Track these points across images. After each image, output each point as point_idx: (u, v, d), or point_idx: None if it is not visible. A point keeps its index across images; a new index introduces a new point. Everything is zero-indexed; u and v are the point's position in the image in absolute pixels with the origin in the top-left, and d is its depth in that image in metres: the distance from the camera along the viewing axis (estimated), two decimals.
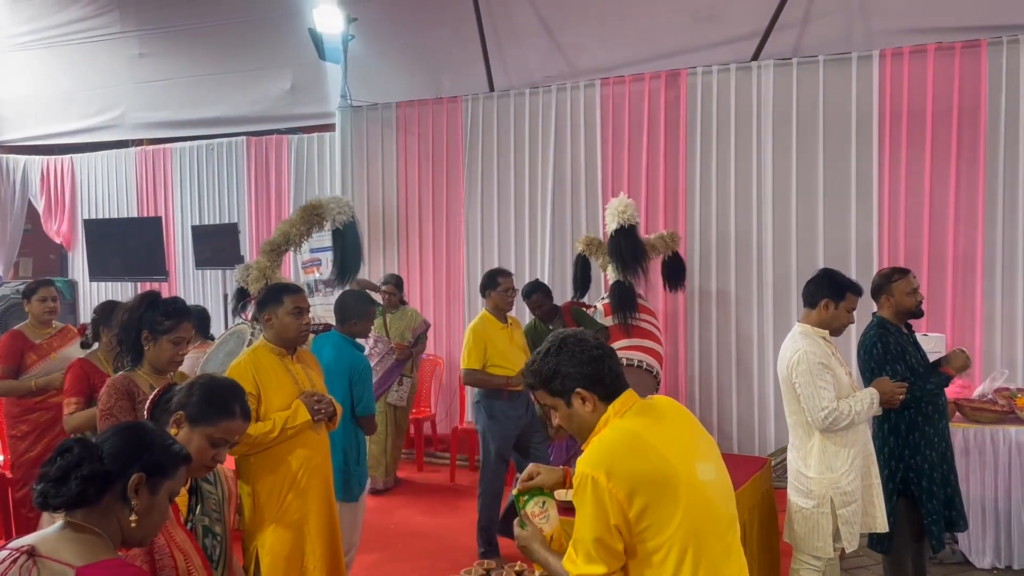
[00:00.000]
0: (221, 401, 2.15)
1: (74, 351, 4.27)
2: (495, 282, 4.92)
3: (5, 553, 1.58)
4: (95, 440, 1.69)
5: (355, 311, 4.23)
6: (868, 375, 3.86)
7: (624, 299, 5.40)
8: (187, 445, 1.93)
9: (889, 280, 3.93)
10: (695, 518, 1.93)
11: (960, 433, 4.63)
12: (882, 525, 3.66)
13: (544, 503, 2.31)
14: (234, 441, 2.16)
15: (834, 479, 3.51)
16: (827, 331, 3.63)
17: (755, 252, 6.25)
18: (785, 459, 3.98)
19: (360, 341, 4.30)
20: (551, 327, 5.54)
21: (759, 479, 4.06)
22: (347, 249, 5.29)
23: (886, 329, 3.90)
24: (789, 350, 3.60)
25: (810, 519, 3.55)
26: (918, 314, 3.97)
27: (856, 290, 3.67)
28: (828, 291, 3.62)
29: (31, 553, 1.55)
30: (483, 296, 5.00)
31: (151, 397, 2.27)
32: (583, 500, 1.95)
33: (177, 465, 1.73)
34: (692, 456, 2.01)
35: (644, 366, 5.14)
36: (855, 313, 3.69)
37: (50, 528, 1.64)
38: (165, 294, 9.46)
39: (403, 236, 7.62)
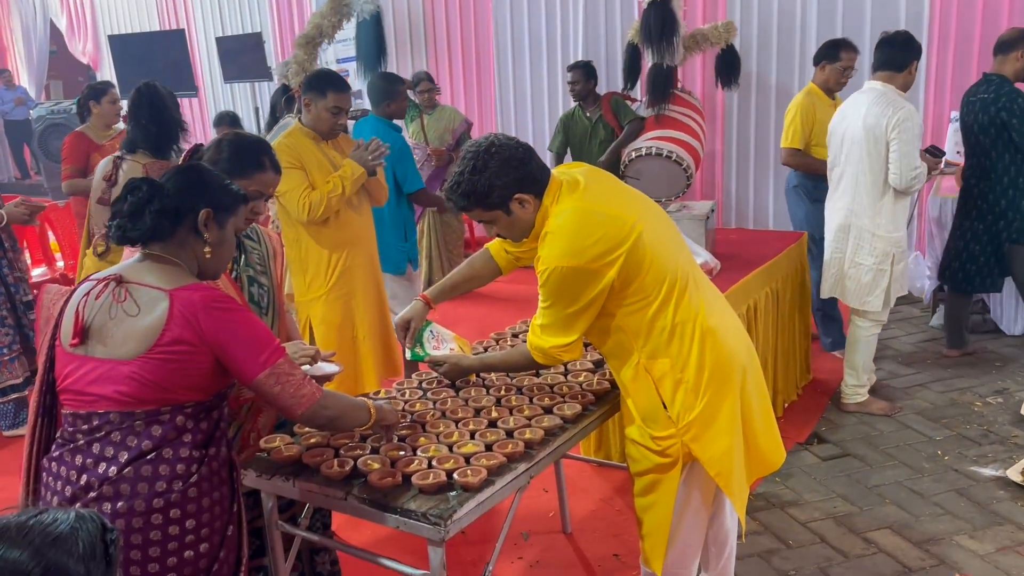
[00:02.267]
0: (251, 155, 2.17)
1: None
2: (835, 55, 4.29)
3: (91, 284, 1.71)
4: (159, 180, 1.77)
5: (386, 92, 4.19)
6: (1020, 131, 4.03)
7: (657, 83, 5.19)
8: None
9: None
10: (663, 259, 2.04)
11: None
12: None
13: (431, 333, 2.42)
14: (268, 194, 2.21)
15: (898, 238, 3.74)
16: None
17: (798, 36, 5.99)
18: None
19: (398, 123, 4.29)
20: (588, 114, 5.49)
21: (793, 250, 4.13)
22: (371, 39, 5.28)
23: (1004, 85, 4.08)
24: (889, 108, 3.62)
25: (867, 275, 3.76)
26: None
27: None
28: (915, 53, 3.72)
29: (119, 280, 1.67)
30: (815, 65, 4.42)
31: (182, 157, 2.32)
32: (555, 289, 2.03)
33: (238, 202, 1.81)
34: (637, 208, 2.09)
35: (674, 157, 4.90)
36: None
37: (129, 260, 1.75)
38: (196, 109, 9.37)
39: (430, 37, 7.40)
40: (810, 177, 4.38)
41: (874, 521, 3.05)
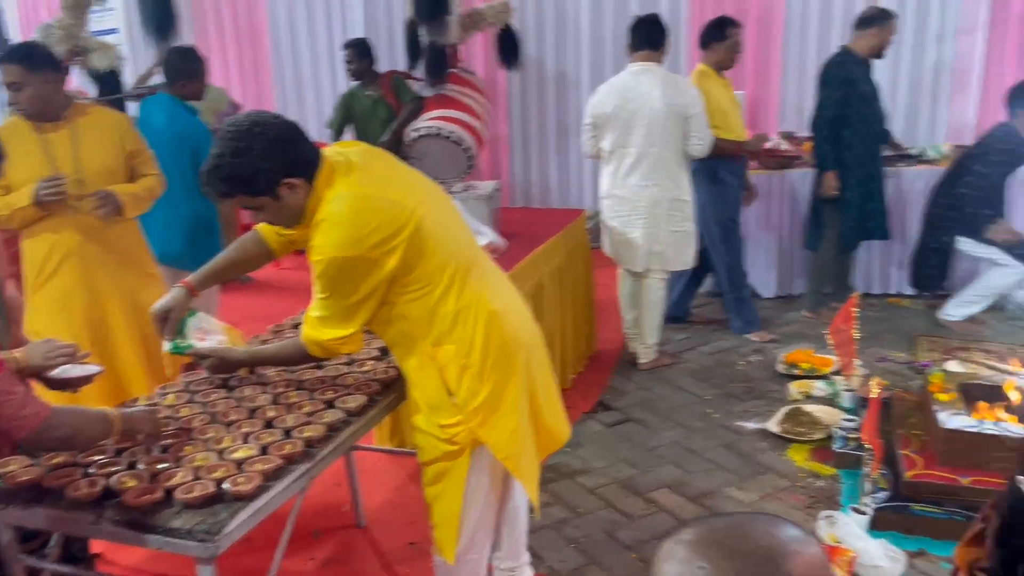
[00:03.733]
0: None
1: None
2: (724, 34, 4.27)
3: None
4: None
5: (182, 70, 3.74)
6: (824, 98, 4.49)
7: (433, 62, 5.14)
8: None
9: (888, 17, 4.47)
10: (445, 244, 1.99)
11: (755, 179, 5.03)
12: None
13: (197, 323, 2.23)
14: None
15: (692, 200, 4.08)
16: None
17: (571, 21, 6.23)
18: (599, 222, 4.26)
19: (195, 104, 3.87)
20: (368, 93, 5.33)
21: (576, 227, 4.27)
22: (156, 4, 4.74)
23: (848, 58, 4.45)
24: (683, 86, 4.00)
25: (685, 237, 4.11)
26: (883, 55, 4.55)
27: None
28: (666, 33, 4.01)
29: None
30: (703, 47, 4.35)
31: None
32: (332, 281, 1.92)
33: None
34: (417, 191, 2.02)
35: (453, 138, 4.91)
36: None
37: None
38: None
39: (196, 10, 6.88)
40: (711, 159, 4.34)
41: (654, 481, 3.22)
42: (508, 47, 5.70)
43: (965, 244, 4.45)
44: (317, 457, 1.91)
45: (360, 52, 5.30)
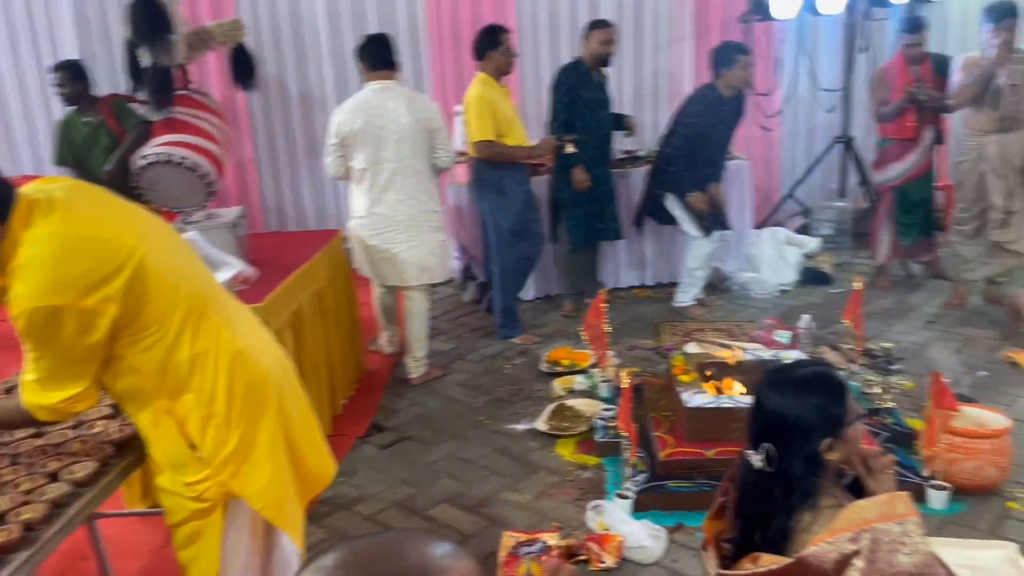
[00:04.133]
0: None
1: None
2: (496, 40, 4.38)
3: None
4: None
5: None
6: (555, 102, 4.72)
7: (157, 84, 4.75)
8: None
9: (595, 26, 4.70)
10: (173, 284, 1.84)
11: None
12: None
13: None
14: None
15: (441, 211, 4.24)
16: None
17: (307, 37, 6.09)
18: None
19: None
20: (86, 119, 4.84)
21: (333, 247, 4.16)
22: None
23: (576, 65, 4.70)
24: (426, 102, 4.10)
25: (445, 247, 4.26)
26: (608, 63, 4.78)
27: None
28: (396, 50, 4.07)
29: None
30: (479, 59, 4.43)
31: None
32: (42, 335, 1.70)
33: None
34: (136, 228, 1.83)
35: (187, 164, 4.60)
36: None
37: None
38: None
39: None
40: (495, 168, 4.46)
41: (433, 498, 3.21)
42: (242, 67, 5.42)
43: (670, 201, 4.87)
44: (39, 542, 1.68)
45: (73, 75, 4.79)
